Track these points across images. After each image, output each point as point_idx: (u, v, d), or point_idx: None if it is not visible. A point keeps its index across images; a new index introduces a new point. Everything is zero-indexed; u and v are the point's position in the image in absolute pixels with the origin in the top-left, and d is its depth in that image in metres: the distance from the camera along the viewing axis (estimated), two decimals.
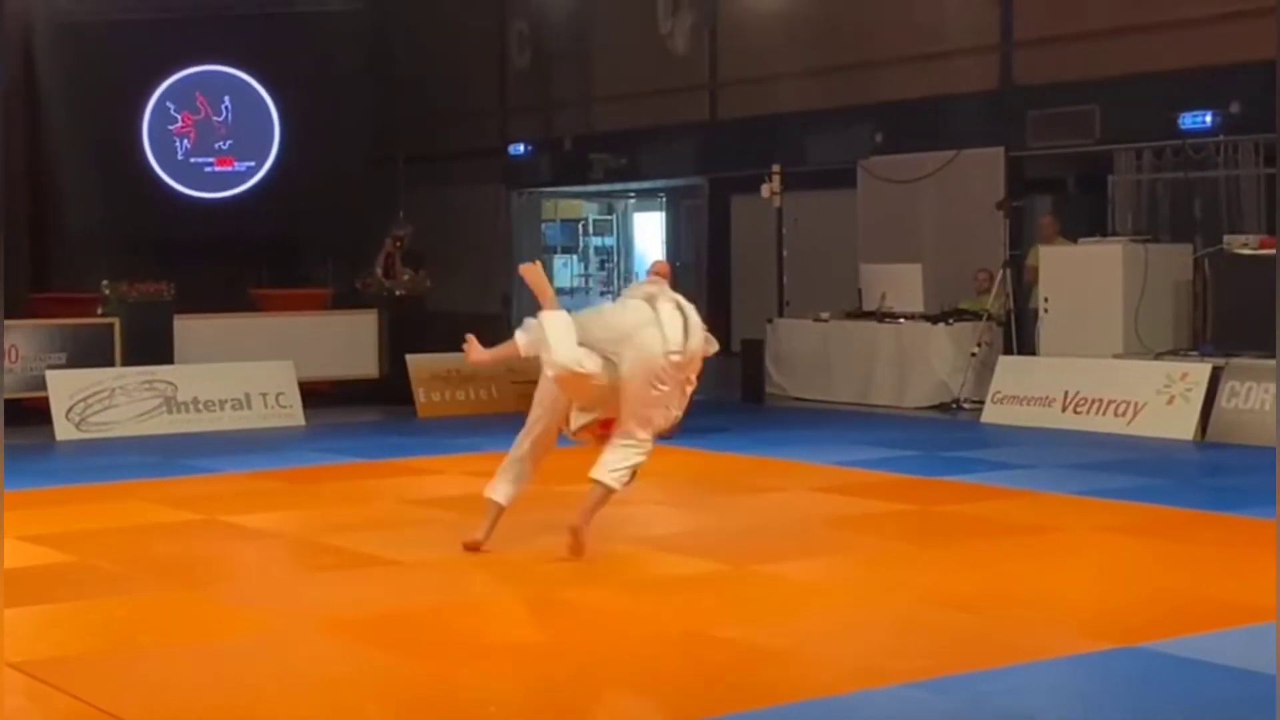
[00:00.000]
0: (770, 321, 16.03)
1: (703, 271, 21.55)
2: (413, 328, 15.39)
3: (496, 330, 23.34)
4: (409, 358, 14.48)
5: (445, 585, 6.84)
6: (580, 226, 27.01)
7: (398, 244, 16.16)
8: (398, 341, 14.94)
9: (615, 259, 26.84)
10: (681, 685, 5.29)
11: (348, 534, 8.01)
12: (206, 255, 17.10)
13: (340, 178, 18.47)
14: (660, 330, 6.98)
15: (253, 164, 18.82)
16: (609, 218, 26.87)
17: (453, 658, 5.59)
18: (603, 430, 7.23)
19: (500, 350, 7.54)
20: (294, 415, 13.54)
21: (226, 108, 18.78)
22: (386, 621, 6.15)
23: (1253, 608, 6.13)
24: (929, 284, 14.70)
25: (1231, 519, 8.32)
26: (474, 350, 7.56)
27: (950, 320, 14.38)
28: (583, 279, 26.95)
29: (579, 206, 26.65)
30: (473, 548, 7.30)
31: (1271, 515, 8.27)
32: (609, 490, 7.09)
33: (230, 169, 18.79)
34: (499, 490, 7.38)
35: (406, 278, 15.72)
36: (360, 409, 14.43)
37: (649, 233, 26.03)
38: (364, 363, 15.15)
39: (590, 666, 5.46)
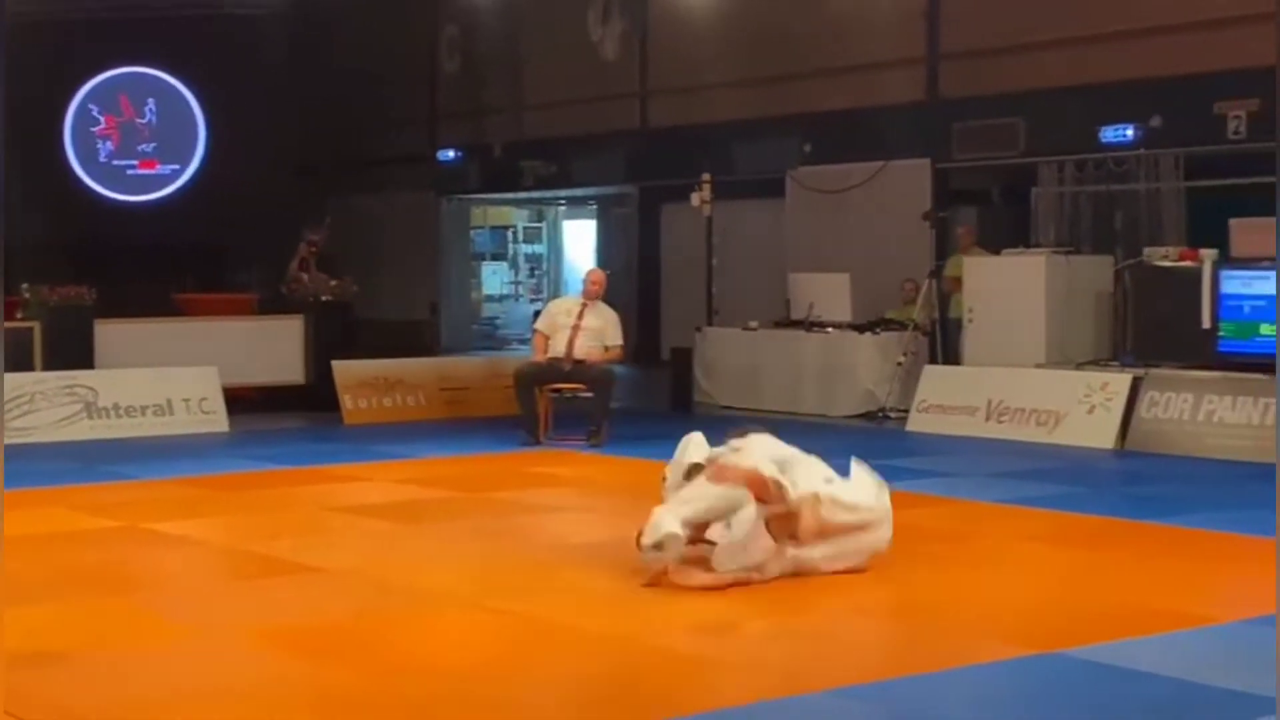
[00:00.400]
0: (699, 330, 16.06)
1: (632, 280, 21.57)
2: (340, 334, 15.29)
3: (422, 335, 23.32)
4: (335, 364, 14.35)
5: (370, 594, 6.77)
6: (510, 234, 26.98)
7: (312, 248, 16.06)
8: (324, 347, 14.81)
9: (545, 266, 26.83)
10: (610, 693, 5.28)
11: (271, 541, 7.94)
12: (129, 259, 16.93)
13: (267, 182, 18.34)
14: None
15: (177, 167, 18.66)
16: (539, 225, 26.86)
17: (378, 667, 5.54)
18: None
19: None
20: (218, 421, 13.41)
21: (150, 110, 18.60)
22: (310, 630, 6.10)
23: (1171, 614, 6.23)
24: (856, 294, 14.78)
25: (1150, 527, 8.41)
26: None
27: (877, 330, 14.48)
28: (512, 286, 26.92)
29: (509, 213, 26.62)
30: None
31: (1189, 524, 8.42)
32: None
33: (154, 172, 18.61)
34: None
35: (335, 284, 15.60)
36: (285, 415, 14.32)
37: (579, 240, 26.05)
38: (289, 369, 15.02)
39: (517, 675, 5.43)
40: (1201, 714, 4.82)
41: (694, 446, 6.98)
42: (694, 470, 6.88)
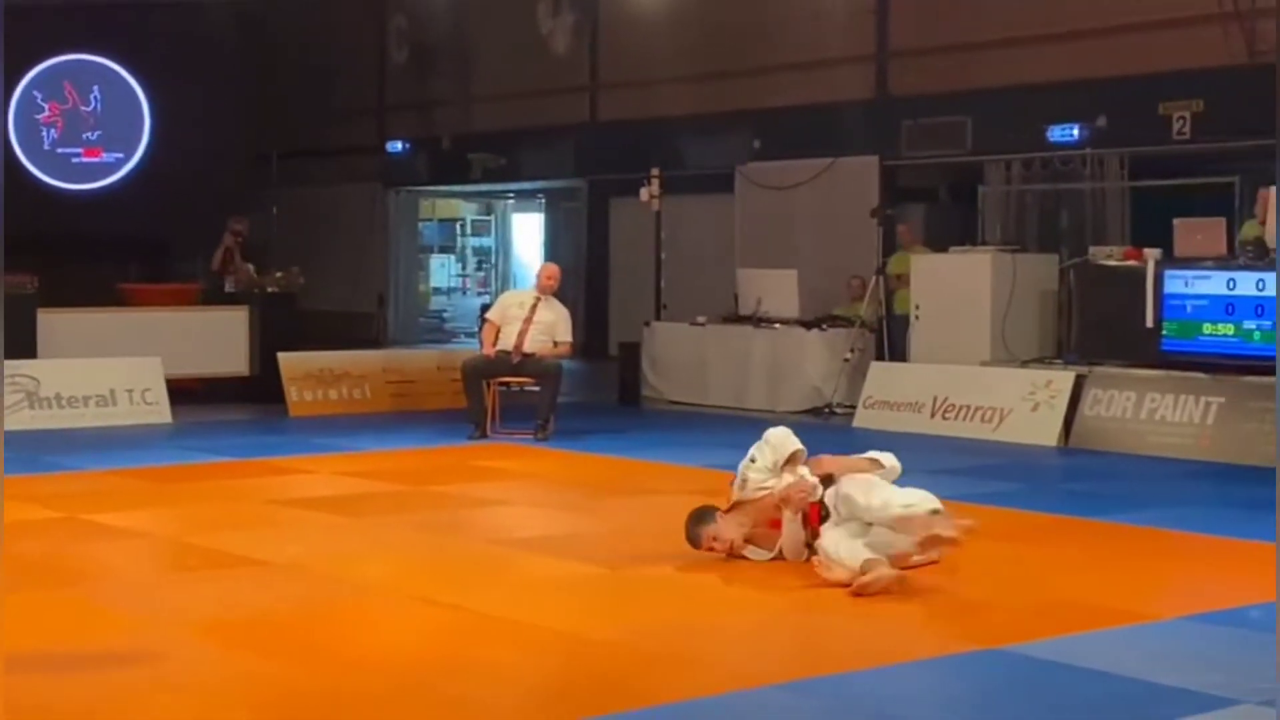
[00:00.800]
0: (647, 325, 16.05)
1: (581, 274, 21.55)
2: (285, 325, 15.16)
3: (369, 327, 23.20)
4: (281, 356, 14.25)
5: (315, 587, 6.73)
6: (458, 226, 26.92)
7: (237, 238, 15.95)
8: (269, 339, 14.71)
9: (494, 259, 26.78)
10: (557, 688, 5.27)
11: (215, 534, 7.89)
12: (73, 248, 16.73)
13: (213, 171, 18.18)
14: None
15: (122, 155, 18.48)
16: (487, 218, 26.81)
17: (322, 661, 5.51)
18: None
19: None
20: (161, 412, 13.30)
21: (96, 98, 18.41)
22: (254, 624, 6.06)
23: (1113, 611, 6.27)
24: (804, 290, 14.81)
25: (1093, 524, 8.47)
26: None
27: (824, 326, 14.53)
28: (460, 279, 26.86)
29: (457, 206, 26.56)
30: None
31: (1132, 521, 8.51)
32: None
33: (98, 160, 18.43)
34: None
35: (280, 275, 15.51)
36: (230, 407, 14.22)
37: (528, 234, 26.02)
38: (234, 360, 14.92)
39: (462, 669, 5.41)
40: (1143, 710, 4.85)
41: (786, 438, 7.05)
42: (795, 456, 7.02)
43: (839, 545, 6.62)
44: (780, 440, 7.09)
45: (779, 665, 5.49)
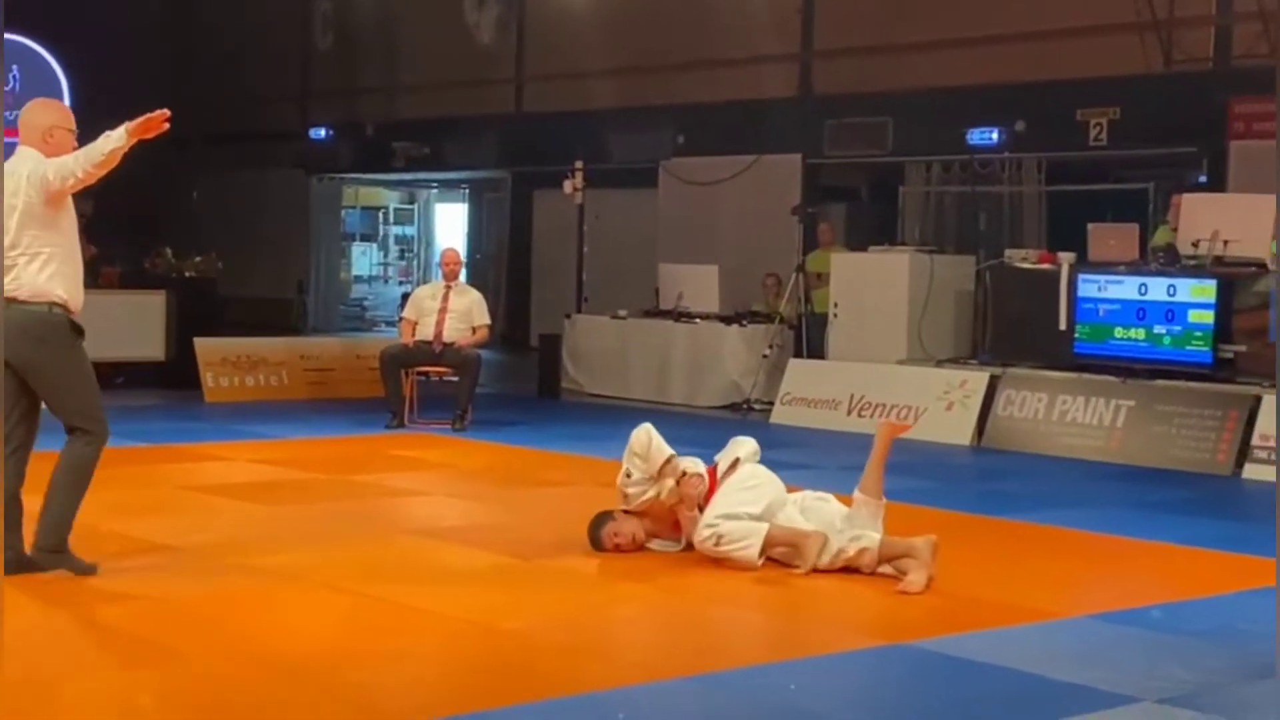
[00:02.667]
0: (569, 317, 16.06)
1: (503, 265, 21.54)
2: (202, 310, 15.03)
3: (289, 314, 23.00)
4: (197, 341, 14.10)
5: (228, 575, 6.67)
6: (381, 215, 26.75)
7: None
8: (186, 324, 14.54)
9: (416, 248, 26.65)
10: (469, 678, 5.26)
11: (126, 520, 7.79)
12: None
13: (133, 153, 17.92)
14: None
15: None
16: (410, 207, 26.67)
17: (233, 648, 5.48)
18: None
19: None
20: None
21: (15, 77, 18.10)
22: (165, 611, 6.01)
23: (1019, 609, 6.35)
24: (725, 285, 14.88)
25: (1002, 523, 8.58)
26: None
27: (744, 322, 14.60)
28: (382, 268, 26.70)
29: (380, 194, 26.40)
30: None
31: (1041, 520, 8.62)
32: None
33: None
34: None
35: (199, 259, 15.37)
36: (145, 392, 14.05)
37: (451, 224, 25.91)
38: (150, 345, 14.74)
39: (375, 658, 5.39)
40: (1041, 706, 4.91)
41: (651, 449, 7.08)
42: (668, 462, 7.06)
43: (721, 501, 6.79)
44: (646, 450, 7.06)
45: (687, 658, 5.51)
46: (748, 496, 6.95)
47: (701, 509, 7.00)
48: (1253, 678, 5.31)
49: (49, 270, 6.27)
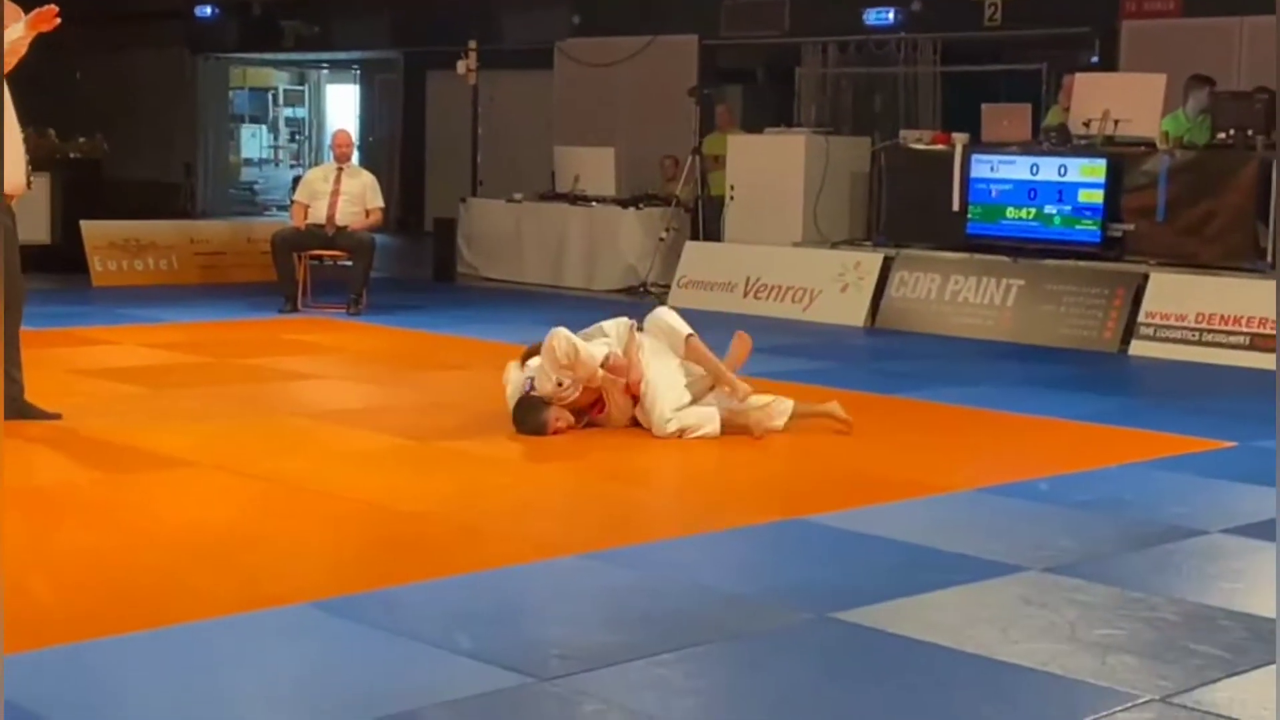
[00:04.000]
0: (463, 201, 15.90)
1: (397, 148, 21.23)
2: (89, 193, 14.71)
3: (177, 198, 22.54)
4: (84, 224, 13.85)
5: (116, 458, 6.60)
6: (271, 96, 26.24)
7: None
8: (72, 207, 14.24)
9: (307, 131, 26.19)
10: (362, 557, 5.24)
11: None
12: None
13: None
14: None
15: None
16: (301, 88, 26.17)
17: (122, 530, 5.43)
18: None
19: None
20: None
21: None
22: (53, 494, 5.93)
23: (909, 483, 6.44)
24: (621, 168, 14.81)
25: (895, 400, 8.68)
26: None
27: (640, 205, 14.54)
28: (272, 151, 26.23)
29: (269, 75, 25.86)
30: None
31: (932, 398, 8.74)
32: None
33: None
34: None
35: (82, 139, 14.98)
36: (30, 276, 13.64)
37: (342, 106, 25.49)
38: (34, 228, 14.32)
39: (266, 538, 5.37)
40: (933, 575, 5.00)
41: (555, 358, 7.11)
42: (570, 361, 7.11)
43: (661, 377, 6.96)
44: (575, 360, 7.04)
45: (586, 535, 5.53)
46: (677, 379, 7.17)
47: (631, 389, 7.10)
48: (1136, 547, 5.43)
49: None
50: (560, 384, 7.08)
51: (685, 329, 7.36)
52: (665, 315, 7.46)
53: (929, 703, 3.91)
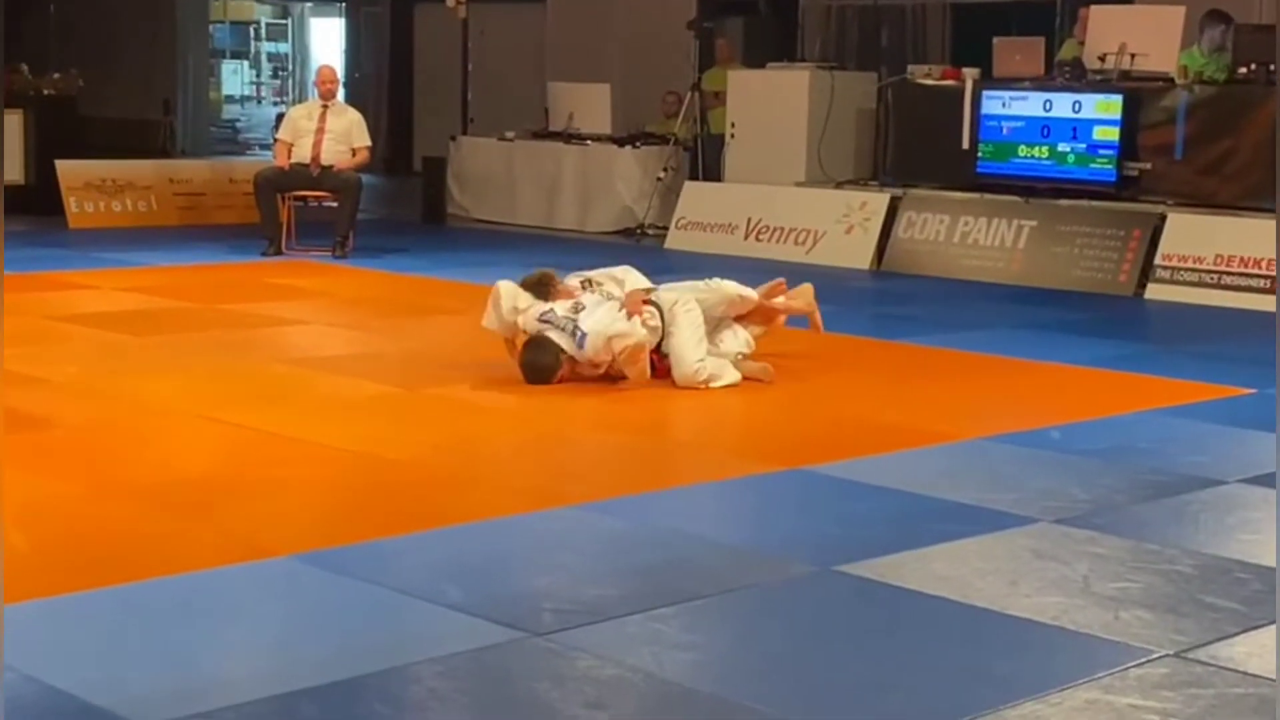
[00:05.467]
0: (453, 139, 15.58)
1: (383, 85, 20.81)
2: (64, 131, 14.35)
3: (155, 136, 22.09)
4: (59, 164, 13.52)
5: (96, 405, 6.42)
6: (252, 30, 25.79)
7: None
8: (46, 146, 13.89)
9: (291, 67, 25.75)
10: (351, 506, 5.10)
11: None
12: None
13: None
14: None
15: None
16: (284, 22, 25.71)
17: (103, 479, 5.25)
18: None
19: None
20: None
21: None
22: (33, 443, 5.65)
23: (915, 431, 6.25)
24: (617, 105, 14.48)
25: (901, 346, 8.43)
26: None
27: (638, 144, 14.21)
28: (255, 87, 25.79)
29: (251, 8, 25.40)
30: None
31: (940, 344, 8.45)
32: None
33: None
34: None
35: (57, 75, 14.59)
36: (4, 218, 13.39)
37: (327, 40, 25.06)
38: (8, 168, 14.07)
39: (251, 487, 5.21)
40: (941, 526, 4.83)
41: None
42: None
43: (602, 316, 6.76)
44: (509, 293, 6.98)
45: (579, 486, 5.36)
46: (702, 333, 6.99)
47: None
48: (1151, 497, 5.29)
49: None
50: (517, 306, 7.00)
51: (754, 294, 7.36)
52: (729, 285, 7.35)
53: (936, 658, 3.78)
